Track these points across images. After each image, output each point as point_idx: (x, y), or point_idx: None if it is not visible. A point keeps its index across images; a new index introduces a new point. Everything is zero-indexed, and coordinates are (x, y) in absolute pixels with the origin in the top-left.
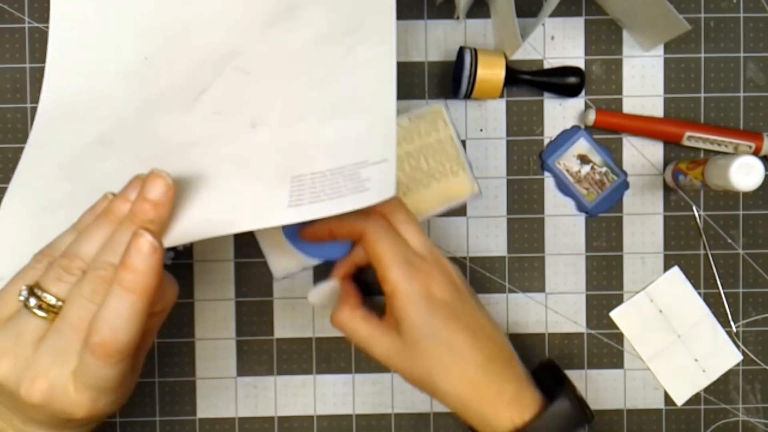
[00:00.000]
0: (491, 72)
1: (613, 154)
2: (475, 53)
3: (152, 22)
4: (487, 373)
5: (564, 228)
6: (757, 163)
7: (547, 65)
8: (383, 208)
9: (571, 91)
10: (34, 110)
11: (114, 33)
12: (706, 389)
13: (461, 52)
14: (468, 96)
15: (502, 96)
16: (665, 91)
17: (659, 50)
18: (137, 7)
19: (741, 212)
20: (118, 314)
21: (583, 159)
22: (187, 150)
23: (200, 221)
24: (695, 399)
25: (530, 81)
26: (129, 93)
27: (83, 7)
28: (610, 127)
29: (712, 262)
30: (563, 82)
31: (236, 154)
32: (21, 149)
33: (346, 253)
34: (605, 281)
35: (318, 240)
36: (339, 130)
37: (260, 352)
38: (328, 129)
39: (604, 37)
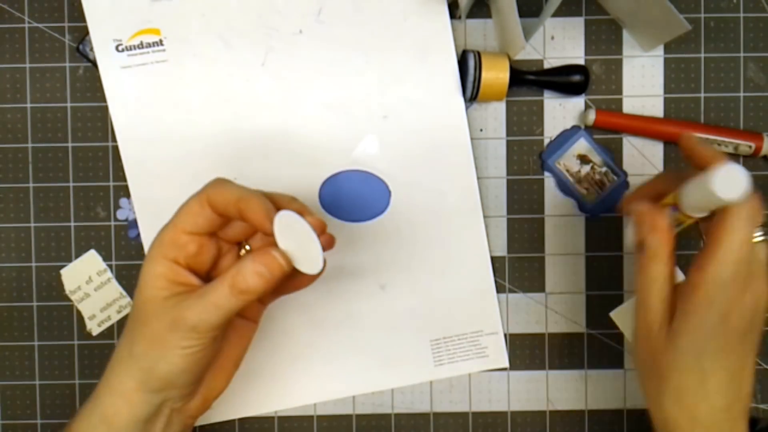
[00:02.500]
0: (495, 75)
1: (613, 154)
2: (478, 57)
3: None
4: (715, 420)
5: (564, 228)
6: (736, 168)
7: (547, 65)
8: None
9: (575, 90)
10: (34, 110)
11: None
12: None
13: (464, 55)
14: (472, 99)
15: None
16: (665, 91)
17: (659, 50)
18: None
19: None
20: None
21: (583, 159)
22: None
23: (359, 377)
24: None
25: (534, 81)
26: None
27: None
28: (610, 127)
29: None
30: (568, 80)
31: (375, 312)
32: (21, 149)
33: (382, 211)
34: (605, 281)
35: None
36: (454, 296)
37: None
38: (447, 295)
39: (604, 37)
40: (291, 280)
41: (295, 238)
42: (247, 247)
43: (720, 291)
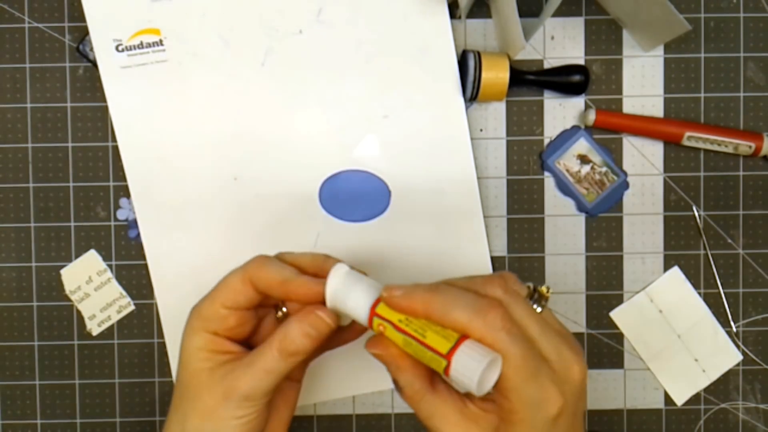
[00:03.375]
0: (496, 75)
1: (613, 154)
2: (478, 57)
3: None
4: None
5: (564, 228)
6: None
7: (547, 65)
8: (497, 292)
9: (576, 90)
10: (34, 110)
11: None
12: (706, 389)
13: (464, 55)
14: (472, 99)
15: None
16: (665, 91)
17: (659, 50)
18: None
19: (741, 212)
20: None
21: (583, 159)
22: None
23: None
24: (695, 399)
25: (534, 81)
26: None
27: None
28: (610, 127)
29: (712, 262)
30: (568, 80)
31: None
32: (21, 149)
33: (382, 212)
34: (605, 281)
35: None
36: None
37: None
38: None
39: (604, 37)
40: (337, 334)
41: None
42: (284, 309)
43: (535, 411)
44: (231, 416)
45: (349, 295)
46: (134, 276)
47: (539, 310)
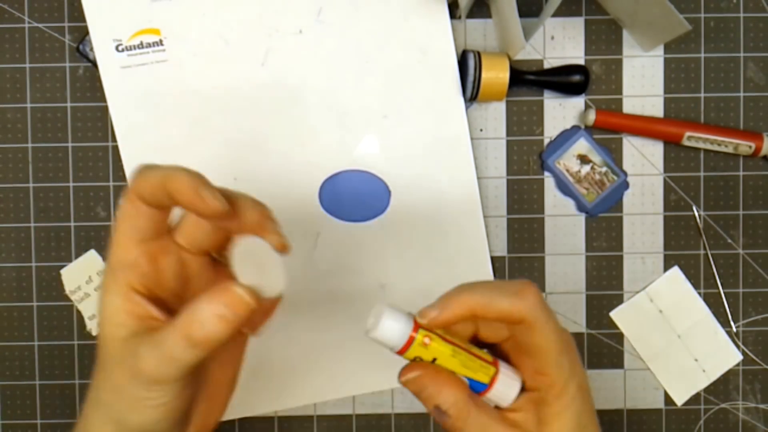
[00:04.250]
0: (495, 75)
1: (613, 154)
2: (478, 57)
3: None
4: None
5: (564, 228)
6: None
7: (547, 65)
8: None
9: (575, 90)
10: (34, 110)
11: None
12: (706, 389)
13: (465, 55)
14: (472, 99)
15: None
16: (665, 91)
17: (659, 50)
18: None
19: (741, 212)
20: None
21: (583, 159)
22: None
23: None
24: (695, 399)
25: (534, 81)
26: None
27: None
28: (610, 127)
29: (712, 262)
30: (568, 80)
31: None
32: (21, 149)
33: (382, 212)
34: (605, 281)
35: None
36: None
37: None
38: None
39: (604, 37)
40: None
41: (254, 263)
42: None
43: (570, 378)
44: (142, 397)
45: (385, 313)
46: None
47: None
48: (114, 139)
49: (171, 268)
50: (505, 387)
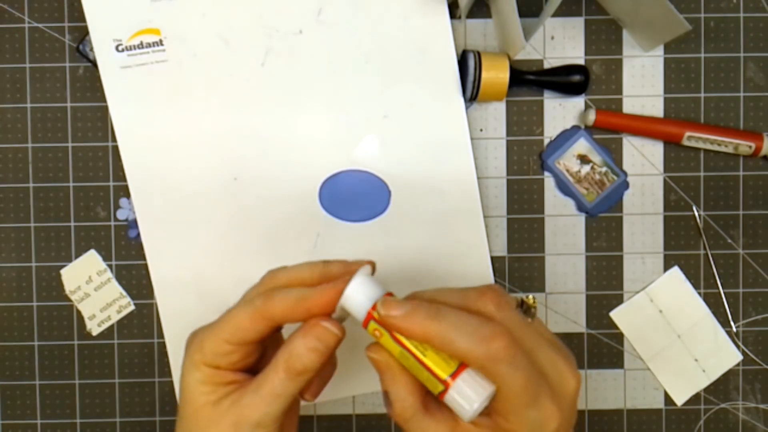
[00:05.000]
0: (495, 75)
1: (613, 154)
2: (478, 57)
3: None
4: None
5: (564, 228)
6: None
7: (547, 65)
8: (489, 306)
9: (575, 90)
10: (34, 110)
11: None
12: (706, 389)
13: (464, 55)
14: (472, 99)
15: None
16: (665, 91)
17: (659, 50)
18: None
19: (741, 212)
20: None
21: (583, 159)
22: None
23: None
24: (695, 399)
25: (534, 81)
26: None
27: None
28: (610, 127)
29: (712, 262)
30: (568, 80)
31: None
32: (21, 149)
33: (382, 212)
34: (605, 281)
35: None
36: None
37: None
38: None
39: (604, 37)
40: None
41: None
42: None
43: None
44: None
45: (349, 294)
46: (134, 276)
47: (530, 320)
48: (114, 139)
49: (256, 353)
50: (457, 404)
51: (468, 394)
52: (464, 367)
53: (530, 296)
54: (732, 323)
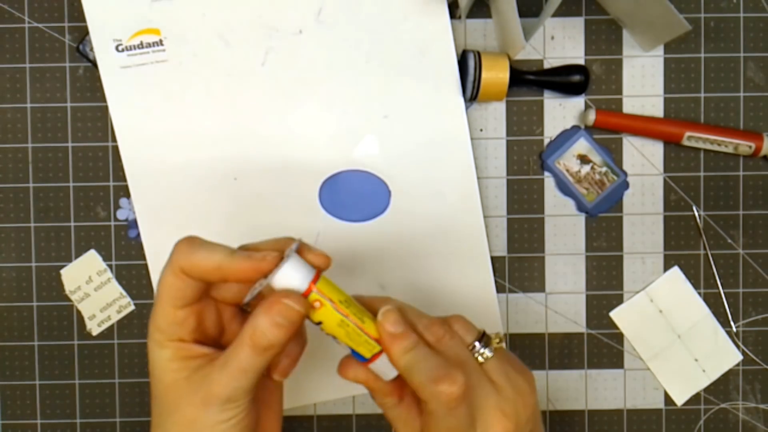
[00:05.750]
0: (495, 75)
1: (613, 154)
2: (478, 57)
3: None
4: None
5: (564, 228)
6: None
7: (547, 65)
8: (439, 332)
9: (575, 90)
10: (34, 110)
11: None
12: (706, 389)
13: (464, 55)
14: (472, 99)
15: None
16: (665, 91)
17: (659, 50)
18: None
19: (741, 212)
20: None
21: (583, 159)
22: None
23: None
24: (695, 399)
25: (534, 81)
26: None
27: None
28: (610, 127)
29: (712, 262)
30: (568, 80)
31: None
32: (21, 149)
33: (382, 212)
34: (605, 281)
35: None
36: (454, 296)
37: None
38: None
39: (604, 37)
40: None
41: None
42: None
43: None
44: (216, 421)
45: (283, 267)
46: (134, 276)
47: (488, 353)
48: (114, 139)
49: (210, 319)
50: (386, 366)
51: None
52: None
53: (496, 334)
54: (732, 323)
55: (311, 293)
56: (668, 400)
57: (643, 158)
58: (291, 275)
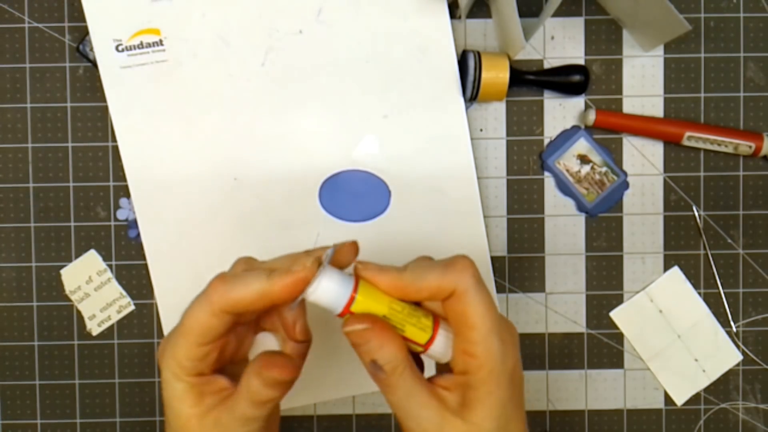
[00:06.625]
0: (495, 75)
1: (613, 154)
2: (478, 57)
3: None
4: None
5: (564, 228)
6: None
7: (547, 65)
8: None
9: (575, 90)
10: (34, 110)
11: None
12: (706, 389)
13: (464, 55)
14: (472, 99)
15: None
16: (665, 91)
17: (659, 50)
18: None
19: (741, 212)
20: None
21: (583, 159)
22: None
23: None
24: (695, 399)
25: (534, 81)
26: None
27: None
28: (610, 127)
29: (712, 262)
30: (568, 80)
31: None
32: (21, 149)
33: (382, 212)
34: (605, 281)
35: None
36: None
37: None
38: None
39: (604, 37)
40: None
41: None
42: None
43: (500, 363)
44: None
45: (321, 283)
46: (134, 276)
47: None
48: (114, 139)
49: (231, 344)
50: (443, 347)
51: (444, 342)
52: (437, 327)
53: None
54: (732, 323)
55: (357, 291)
56: (668, 400)
57: (643, 158)
58: (331, 289)
